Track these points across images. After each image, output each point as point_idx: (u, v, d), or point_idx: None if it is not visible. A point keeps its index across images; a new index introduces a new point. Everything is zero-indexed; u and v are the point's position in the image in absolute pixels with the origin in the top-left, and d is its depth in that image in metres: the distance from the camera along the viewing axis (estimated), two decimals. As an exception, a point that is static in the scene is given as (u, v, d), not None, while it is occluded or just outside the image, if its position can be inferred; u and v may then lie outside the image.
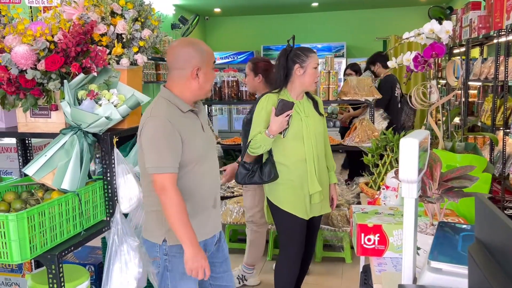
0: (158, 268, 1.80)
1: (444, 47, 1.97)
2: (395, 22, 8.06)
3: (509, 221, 0.68)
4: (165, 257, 1.76)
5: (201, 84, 1.75)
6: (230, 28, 8.92)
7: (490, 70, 4.24)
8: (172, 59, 1.75)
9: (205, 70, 1.74)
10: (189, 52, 1.73)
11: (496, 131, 3.74)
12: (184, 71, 1.73)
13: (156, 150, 1.65)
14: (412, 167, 1.11)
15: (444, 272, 1.07)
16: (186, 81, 1.74)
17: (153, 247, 1.78)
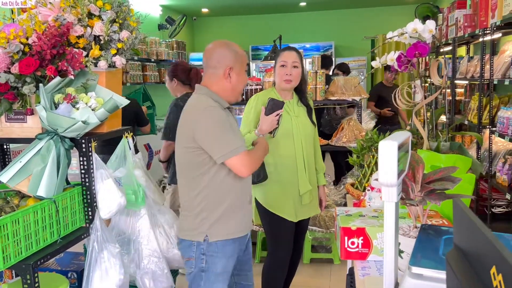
0: (191, 269, 1.80)
1: (427, 46, 1.95)
2: (382, 21, 8.07)
3: (485, 229, 0.65)
4: (202, 257, 1.77)
5: (233, 84, 1.80)
6: (218, 29, 8.87)
7: (476, 69, 4.25)
8: (207, 59, 1.82)
9: (237, 71, 1.79)
10: (222, 52, 1.78)
11: (483, 129, 3.75)
12: (217, 70, 1.78)
13: (223, 135, 1.68)
14: (391, 170, 1.08)
15: (425, 277, 1.05)
16: (219, 80, 1.79)
17: (190, 246, 1.78)
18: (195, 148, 1.71)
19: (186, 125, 1.75)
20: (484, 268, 0.65)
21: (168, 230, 2.24)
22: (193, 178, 1.76)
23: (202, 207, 1.76)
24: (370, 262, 1.58)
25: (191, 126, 1.72)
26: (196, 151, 1.72)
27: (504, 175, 3.21)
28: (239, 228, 1.82)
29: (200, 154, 1.72)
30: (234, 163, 1.69)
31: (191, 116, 1.73)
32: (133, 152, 2.14)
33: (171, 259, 2.23)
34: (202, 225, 1.76)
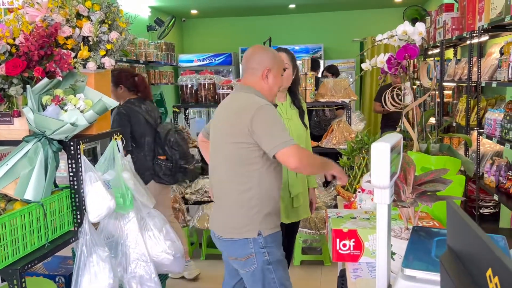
0: (253, 266, 1.82)
1: (417, 48, 1.96)
2: (371, 23, 8.12)
3: (480, 231, 0.65)
4: (263, 250, 1.81)
5: (270, 85, 1.91)
6: (207, 30, 8.85)
7: (463, 71, 4.29)
8: (247, 60, 1.94)
9: (274, 73, 1.91)
10: (262, 55, 1.92)
11: (470, 131, 3.79)
12: (256, 71, 1.90)
13: (277, 130, 1.76)
14: (384, 172, 1.08)
15: (418, 279, 1.05)
16: (258, 80, 1.90)
17: (246, 244, 1.81)
18: (249, 144, 1.78)
19: (241, 122, 1.78)
20: (479, 271, 0.65)
21: (157, 233, 2.22)
22: (243, 173, 1.81)
23: (255, 202, 1.81)
24: (362, 264, 1.58)
25: (247, 123, 1.76)
26: (251, 147, 1.78)
27: (492, 176, 3.25)
28: (279, 220, 1.95)
29: (254, 149, 1.79)
30: (284, 154, 1.73)
31: (247, 113, 1.77)
32: (122, 155, 2.12)
33: (159, 264, 2.21)
34: (254, 220, 1.81)
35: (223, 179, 1.88)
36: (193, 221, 3.56)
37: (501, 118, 3.05)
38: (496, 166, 3.24)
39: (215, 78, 4.24)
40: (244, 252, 1.82)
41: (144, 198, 2.15)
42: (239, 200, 1.83)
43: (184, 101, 4.31)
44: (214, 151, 1.95)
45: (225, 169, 1.87)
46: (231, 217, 1.85)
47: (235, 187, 1.84)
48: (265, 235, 1.82)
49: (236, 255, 1.85)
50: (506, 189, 3.05)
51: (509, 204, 2.88)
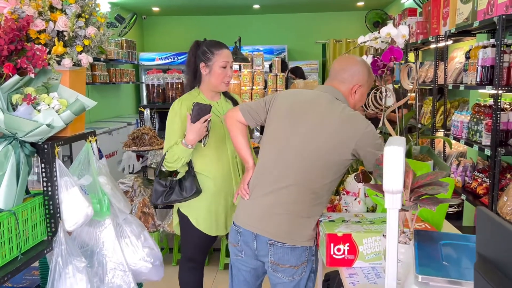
0: (302, 274, 1.72)
1: (401, 51, 1.98)
2: (333, 26, 8.26)
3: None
4: (313, 258, 1.76)
5: (355, 101, 1.79)
6: (169, 28, 8.65)
7: (427, 74, 4.43)
8: (342, 69, 1.77)
9: (363, 91, 1.79)
10: (359, 69, 1.76)
11: (436, 132, 3.91)
12: (346, 84, 1.76)
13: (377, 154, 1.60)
14: (397, 177, 1.06)
15: (432, 286, 1.03)
16: (345, 92, 1.76)
17: (304, 251, 1.71)
18: (349, 160, 1.68)
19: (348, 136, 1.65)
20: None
21: (135, 241, 2.10)
22: (322, 185, 1.69)
23: (318, 213, 1.74)
24: (357, 268, 1.56)
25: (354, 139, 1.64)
26: (347, 162, 1.69)
27: (458, 176, 3.35)
28: None
29: (345, 166, 1.71)
30: None
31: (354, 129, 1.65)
32: (97, 158, 1.99)
33: (137, 272, 2.10)
34: (313, 230, 1.73)
35: (299, 184, 1.68)
36: (163, 226, 3.44)
37: (467, 120, 3.16)
38: (462, 167, 3.35)
39: (184, 77, 4.13)
40: (300, 259, 1.70)
41: (121, 203, 2.03)
42: (312, 211, 1.71)
43: (150, 100, 4.17)
44: (288, 151, 1.71)
45: (308, 177, 1.68)
46: (299, 224, 1.69)
47: (312, 197, 1.69)
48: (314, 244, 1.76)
49: (291, 262, 1.70)
50: (472, 189, 3.15)
51: (475, 203, 2.98)
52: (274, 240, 1.69)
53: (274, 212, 1.70)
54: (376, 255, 1.55)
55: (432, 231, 1.43)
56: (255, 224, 1.74)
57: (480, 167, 3.20)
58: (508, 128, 2.74)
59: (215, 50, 2.18)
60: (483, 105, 3.01)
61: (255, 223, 1.74)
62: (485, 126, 2.83)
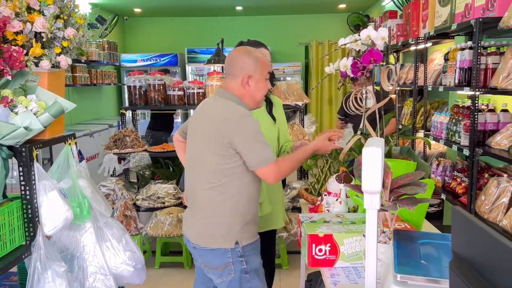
0: (230, 275, 1.77)
1: (381, 53, 2.00)
2: (316, 28, 8.31)
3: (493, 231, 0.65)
4: (241, 259, 1.76)
5: (252, 92, 1.80)
6: (151, 29, 8.59)
7: (407, 75, 4.49)
8: (228, 64, 1.83)
9: (256, 79, 1.79)
10: (243, 59, 1.79)
11: (416, 133, 3.96)
12: (236, 77, 1.79)
13: (257, 145, 1.69)
14: (375, 177, 1.07)
15: (410, 285, 1.05)
16: (238, 87, 1.79)
17: (224, 253, 1.75)
18: (229, 153, 1.71)
19: (220, 132, 1.71)
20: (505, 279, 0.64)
21: (116, 244, 2.08)
22: (224, 182, 1.74)
23: (234, 211, 1.75)
24: (338, 268, 1.57)
25: (227, 133, 1.69)
26: (231, 156, 1.71)
27: (438, 176, 3.41)
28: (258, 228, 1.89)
29: (235, 160, 1.72)
30: (263, 172, 1.71)
31: (225, 122, 1.71)
32: (77, 161, 1.96)
33: (119, 276, 2.08)
34: (232, 230, 1.76)
35: (202, 187, 1.78)
36: (145, 229, 3.41)
37: (447, 121, 3.21)
38: (442, 167, 3.41)
39: (166, 79, 4.10)
40: (221, 261, 1.77)
41: (102, 207, 2.01)
42: (219, 210, 1.76)
43: (132, 102, 4.12)
44: (192, 157, 1.86)
45: (205, 177, 1.77)
46: (210, 226, 1.78)
47: (215, 196, 1.76)
48: (244, 244, 1.77)
49: (213, 264, 1.78)
50: (452, 188, 3.21)
51: (455, 202, 3.04)
52: (195, 244, 1.81)
53: (194, 217, 1.84)
54: (357, 255, 1.57)
55: (411, 231, 1.45)
56: (185, 229, 1.92)
57: (459, 167, 3.26)
58: (485, 129, 2.80)
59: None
60: (462, 106, 3.07)
61: (185, 228, 1.92)
62: (463, 127, 2.89)
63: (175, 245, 3.68)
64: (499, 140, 2.62)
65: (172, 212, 3.41)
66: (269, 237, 2.34)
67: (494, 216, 2.49)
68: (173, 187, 3.61)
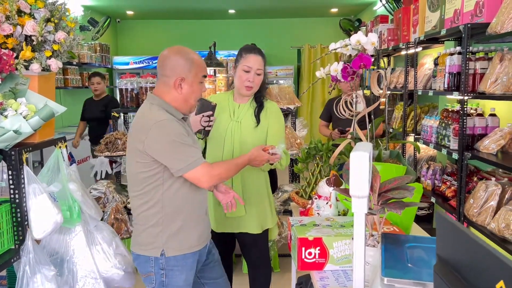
0: (151, 284, 1.73)
1: (370, 58, 2.02)
2: (308, 31, 8.36)
3: (486, 244, 0.66)
4: (161, 272, 1.70)
5: (185, 95, 1.70)
6: (144, 32, 8.58)
7: (398, 80, 4.53)
8: (160, 66, 1.71)
9: (189, 81, 1.69)
10: (175, 61, 1.68)
11: (407, 137, 4.00)
12: (168, 79, 1.68)
13: (178, 150, 1.61)
14: (363, 181, 1.08)
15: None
16: (170, 90, 1.70)
17: (147, 262, 1.71)
18: (147, 161, 1.64)
19: (137, 138, 1.64)
20: (486, 282, 0.65)
21: (106, 248, 2.08)
22: (146, 191, 1.68)
23: (157, 220, 1.69)
24: (327, 272, 1.58)
25: (141, 140, 1.62)
26: (149, 163, 1.64)
27: (428, 179, 3.44)
28: (198, 241, 1.78)
29: (154, 167, 1.65)
30: (193, 176, 1.65)
31: (141, 129, 1.64)
32: (67, 164, 1.96)
33: (109, 280, 2.08)
34: (158, 239, 1.69)
35: (131, 194, 1.75)
36: (137, 232, 3.40)
37: (436, 125, 3.24)
38: (432, 170, 3.44)
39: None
40: (144, 269, 1.73)
41: (92, 210, 2.01)
42: (143, 219, 1.71)
43: (124, 105, 4.12)
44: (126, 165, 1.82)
45: (131, 186, 1.75)
46: (138, 233, 1.74)
47: (140, 204, 1.71)
48: (168, 255, 1.70)
49: (140, 270, 1.76)
50: (442, 192, 3.24)
51: (444, 205, 3.06)
52: None
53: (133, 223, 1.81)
54: (346, 258, 1.58)
55: (399, 234, 1.46)
56: None
57: (449, 171, 3.29)
58: (474, 133, 2.83)
59: (244, 53, 2.23)
60: (451, 111, 3.10)
61: None
62: (452, 131, 2.92)
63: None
64: (487, 144, 2.66)
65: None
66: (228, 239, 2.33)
67: (483, 219, 2.52)
68: (164, 190, 3.60)
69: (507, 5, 2.35)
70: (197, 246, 1.76)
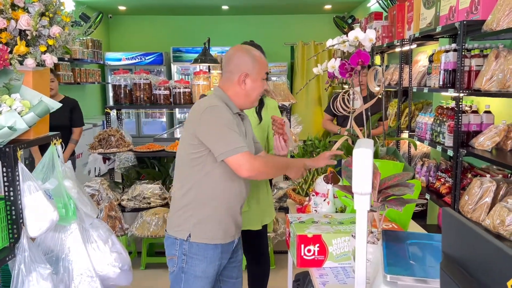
0: (173, 268, 1.79)
1: (368, 54, 2.02)
2: (302, 28, 8.35)
3: (496, 241, 0.66)
4: (183, 257, 1.76)
5: (247, 91, 1.79)
6: (136, 28, 8.51)
7: (392, 77, 4.54)
8: (225, 62, 1.82)
9: (253, 78, 1.78)
10: (241, 58, 1.78)
11: (401, 133, 4.01)
12: (232, 75, 1.79)
13: (224, 134, 1.66)
14: (366, 179, 1.08)
15: (400, 285, 1.06)
16: (233, 85, 1.79)
17: (174, 244, 1.77)
18: (195, 143, 1.71)
19: (191, 121, 1.75)
20: (496, 280, 0.65)
21: (102, 245, 2.06)
22: (187, 174, 1.76)
23: (189, 204, 1.75)
24: (326, 269, 1.58)
25: (194, 122, 1.72)
26: (196, 145, 1.71)
27: (422, 176, 3.45)
28: (224, 234, 1.78)
29: (199, 150, 1.71)
30: (234, 162, 1.65)
31: (196, 112, 1.73)
32: (62, 161, 1.94)
33: (105, 277, 2.05)
34: (187, 222, 1.75)
35: (175, 178, 1.85)
36: (131, 229, 3.38)
37: (431, 122, 3.25)
38: (426, 167, 3.45)
39: (152, 78, 4.06)
40: (169, 251, 1.80)
41: (88, 208, 1.98)
42: (177, 200, 1.79)
43: (117, 101, 4.08)
44: None
45: (176, 168, 1.84)
46: (171, 215, 1.82)
47: (178, 187, 1.80)
48: (193, 241, 1.74)
49: (166, 252, 1.83)
50: (436, 188, 3.25)
51: (439, 202, 3.08)
52: None
53: None
54: (345, 255, 1.58)
55: (399, 231, 1.46)
56: None
57: (443, 167, 3.31)
58: (469, 130, 2.84)
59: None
60: (446, 108, 3.11)
61: None
62: (447, 128, 2.93)
63: (161, 246, 3.65)
64: (482, 141, 2.67)
65: (158, 212, 3.39)
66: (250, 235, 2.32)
67: (477, 216, 2.53)
68: (158, 187, 3.59)
69: (503, 2, 2.36)
70: (220, 239, 1.77)
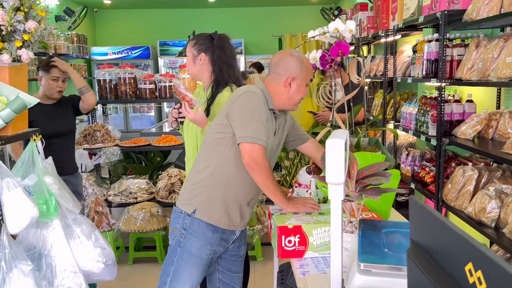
0: (172, 240, 1.85)
1: (348, 45, 2.02)
2: (289, 20, 8.32)
3: (456, 227, 0.67)
4: (183, 231, 1.80)
5: (291, 94, 1.82)
6: (122, 22, 8.42)
7: (378, 67, 4.56)
8: (274, 63, 1.86)
9: (298, 82, 1.82)
10: (290, 61, 1.82)
11: (387, 124, 4.03)
12: (280, 76, 1.81)
13: (250, 120, 1.69)
14: (339, 168, 1.08)
15: (374, 273, 1.07)
16: (278, 85, 1.82)
17: (178, 218, 1.83)
18: (224, 123, 1.76)
19: (227, 104, 1.79)
20: (454, 265, 0.66)
21: (85, 241, 2.05)
22: (208, 153, 1.82)
23: (203, 181, 1.80)
24: (307, 259, 1.59)
25: (229, 103, 1.76)
26: (224, 126, 1.76)
27: (408, 166, 3.48)
28: (228, 220, 1.82)
29: (226, 131, 1.76)
30: (243, 148, 1.69)
31: (234, 95, 1.78)
32: (43, 157, 1.92)
33: (89, 273, 2.05)
34: (196, 198, 1.80)
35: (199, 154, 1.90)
36: (118, 225, 3.37)
37: (415, 112, 3.28)
38: (411, 157, 3.48)
39: (136, 72, 4.04)
40: (173, 223, 1.86)
41: (70, 203, 1.97)
42: (192, 177, 1.85)
43: (102, 96, 4.05)
44: None
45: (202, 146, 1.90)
46: (183, 189, 1.90)
47: (197, 164, 1.86)
48: (196, 217, 1.79)
49: (171, 224, 1.89)
50: (421, 178, 3.29)
51: (424, 191, 3.11)
52: None
53: None
54: (325, 245, 1.60)
55: (376, 220, 1.48)
56: None
57: (428, 157, 3.34)
58: (452, 119, 2.87)
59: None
60: (429, 97, 3.14)
61: None
62: (431, 117, 2.96)
63: (148, 240, 3.65)
64: (464, 129, 2.70)
65: (145, 207, 3.38)
66: None
67: (460, 204, 2.56)
68: (145, 182, 3.58)
69: (483, -9, 2.37)
70: (223, 224, 1.81)
